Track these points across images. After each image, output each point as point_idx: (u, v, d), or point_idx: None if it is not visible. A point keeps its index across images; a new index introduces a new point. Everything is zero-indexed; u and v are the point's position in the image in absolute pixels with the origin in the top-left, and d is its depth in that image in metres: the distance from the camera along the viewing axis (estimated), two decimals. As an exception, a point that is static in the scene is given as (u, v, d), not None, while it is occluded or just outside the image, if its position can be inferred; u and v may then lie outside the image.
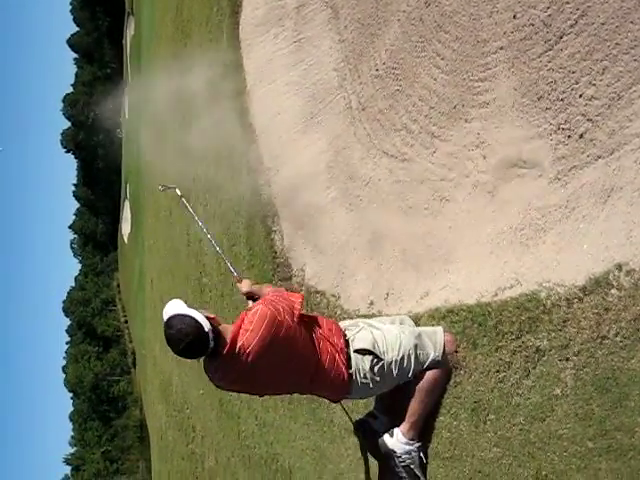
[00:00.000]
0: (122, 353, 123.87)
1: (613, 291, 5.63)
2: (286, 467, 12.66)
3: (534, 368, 6.27)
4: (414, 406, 7.36)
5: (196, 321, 6.33)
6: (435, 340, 7.23)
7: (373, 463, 9.02)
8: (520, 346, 6.46)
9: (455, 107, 8.44)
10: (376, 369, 6.99)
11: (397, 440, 7.44)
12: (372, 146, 10.29)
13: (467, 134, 8.20)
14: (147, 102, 43.55)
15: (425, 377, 7.22)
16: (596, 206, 6.19)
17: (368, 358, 6.98)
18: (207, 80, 18.53)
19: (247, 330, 6.59)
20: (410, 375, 7.16)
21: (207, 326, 6.36)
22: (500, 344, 6.72)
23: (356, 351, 7.04)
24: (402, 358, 7.00)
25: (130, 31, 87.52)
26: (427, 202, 8.87)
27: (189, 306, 6.65)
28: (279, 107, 13.54)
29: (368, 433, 7.93)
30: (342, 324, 7.54)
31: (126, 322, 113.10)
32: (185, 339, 6.35)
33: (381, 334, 7.06)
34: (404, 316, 8.05)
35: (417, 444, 7.44)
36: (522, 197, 7.21)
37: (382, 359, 6.99)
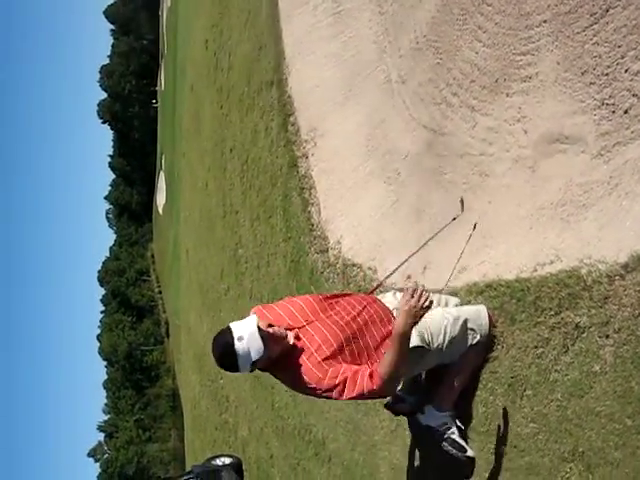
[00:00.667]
0: (156, 323, 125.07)
1: (656, 268, 5.58)
2: (319, 438, 12.77)
3: (573, 345, 6.24)
4: (449, 382, 7.35)
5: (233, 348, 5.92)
6: (480, 322, 7.16)
7: (409, 436, 9.08)
8: (559, 322, 6.43)
9: (497, 81, 8.35)
10: (421, 357, 6.92)
11: (430, 415, 7.46)
12: (411, 119, 10.23)
13: (508, 108, 8.12)
14: (183, 73, 43.62)
15: (464, 356, 7.20)
16: (639, 183, 6.12)
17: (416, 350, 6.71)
18: (245, 52, 18.53)
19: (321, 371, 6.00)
20: (454, 359, 7.14)
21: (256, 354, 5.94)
22: (539, 320, 6.69)
23: None
24: (448, 344, 6.95)
25: (167, 3, 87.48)
26: (466, 176, 8.82)
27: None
28: (318, 79, 13.50)
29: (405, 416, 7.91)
30: (385, 300, 7.32)
31: (160, 292, 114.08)
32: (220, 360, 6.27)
33: (425, 323, 6.58)
34: (448, 296, 7.93)
35: (450, 413, 7.44)
36: (564, 173, 7.14)
37: (429, 349, 6.88)
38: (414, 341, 6.57)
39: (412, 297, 5.88)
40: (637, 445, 5.48)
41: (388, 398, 7.83)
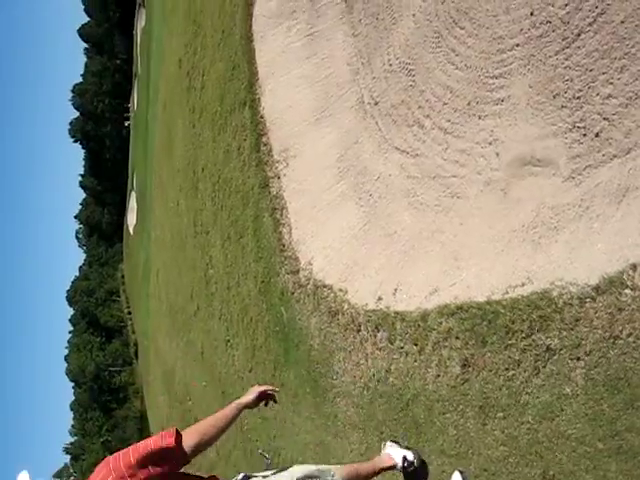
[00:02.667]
0: (125, 344, 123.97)
1: (627, 291, 5.57)
2: (288, 461, 12.63)
3: (544, 367, 6.22)
4: None
5: None
6: None
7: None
8: (530, 344, 6.41)
9: (469, 104, 8.38)
10: None
11: None
12: (383, 141, 10.24)
13: (480, 131, 8.14)
14: (156, 92, 43.56)
15: None
16: (611, 206, 6.13)
17: None
18: (218, 71, 18.51)
19: None
20: None
21: None
22: (510, 342, 6.67)
23: None
24: None
25: (141, 22, 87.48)
26: (438, 199, 8.82)
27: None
28: (291, 100, 13.48)
29: None
30: None
31: (129, 313, 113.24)
32: None
33: None
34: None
35: None
36: (535, 195, 7.15)
37: None
38: None
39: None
40: (608, 469, 5.46)
41: None
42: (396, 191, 9.78)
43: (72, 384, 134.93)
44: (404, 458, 7.83)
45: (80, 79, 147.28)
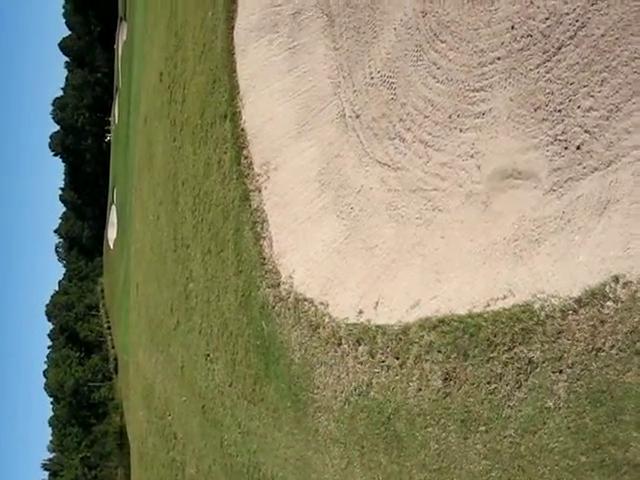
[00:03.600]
0: (104, 359, 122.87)
1: (609, 303, 5.56)
2: (269, 476, 12.53)
3: (526, 380, 6.19)
4: None
5: None
6: None
7: (359, 474, 8.96)
8: (512, 357, 6.39)
9: (450, 117, 8.39)
10: None
11: None
12: (364, 154, 10.23)
13: (461, 144, 8.15)
14: (137, 106, 43.44)
15: None
16: (592, 218, 6.13)
17: None
18: (199, 84, 18.46)
19: None
20: None
21: None
22: (492, 355, 6.64)
23: None
24: None
25: (122, 36, 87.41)
26: (419, 212, 8.81)
27: None
28: (272, 113, 13.45)
29: None
30: None
31: (109, 328, 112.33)
32: None
33: None
34: None
35: None
36: (516, 208, 7.16)
37: None
38: None
39: None
40: (591, 482, 5.43)
41: None
42: (377, 204, 9.76)
43: (51, 399, 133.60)
44: None
45: (61, 92, 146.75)
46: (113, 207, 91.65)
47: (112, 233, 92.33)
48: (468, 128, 8.05)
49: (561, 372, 5.84)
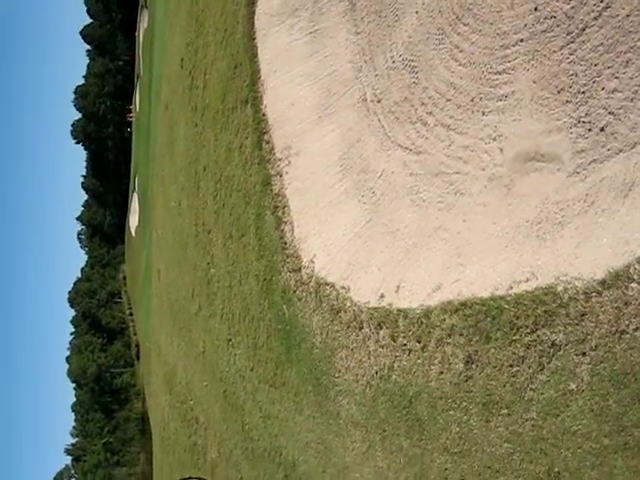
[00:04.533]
0: (126, 345, 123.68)
1: (633, 285, 5.51)
2: (290, 460, 12.59)
3: (549, 363, 6.16)
4: None
5: None
6: None
7: (380, 458, 8.97)
8: (535, 340, 6.36)
9: (472, 100, 8.34)
10: None
11: None
12: (386, 138, 10.19)
13: (484, 127, 8.10)
14: (158, 93, 43.54)
15: None
16: (616, 200, 6.08)
17: None
18: (220, 70, 18.45)
19: None
20: None
21: None
22: (514, 338, 6.62)
23: None
24: None
25: (143, 24, 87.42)
26: (441, 195, 8.78)
27: None
28: (293, 97, 13.43)
29: None
30: None
31: (131, 314, 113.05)
32: None
33: None
34: None
35: None
36: (539, 191, 7.11)
37: None
38: None
39: None
40: (614, 465, 5.40)
41: None
42: (399, 188, 9.73)
43: (73, 385, 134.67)
44: None
45: (82, 81, 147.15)
46: (135, 194, 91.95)
47: (134, 220, 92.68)
48: (491, 111, 7.99)
49: (584, 354, 5.81)
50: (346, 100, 11.55)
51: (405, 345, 8.64)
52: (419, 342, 8.29)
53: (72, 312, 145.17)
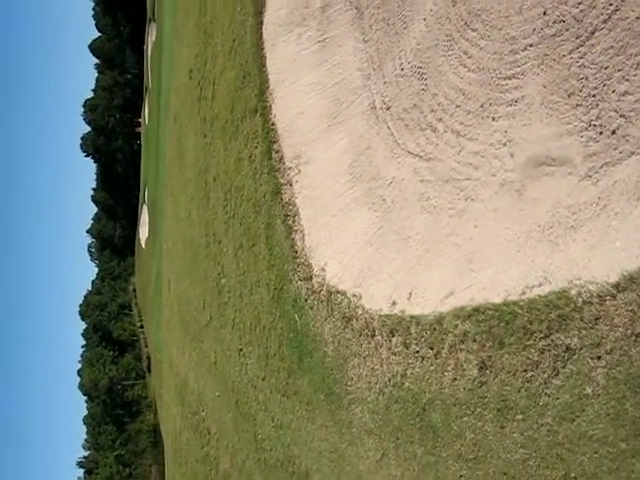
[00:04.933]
0: (137, 358, 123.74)
1: (649, 287, 5.48)
2: (303, 469, 12.54)
3: (564, 367, 6.13)
4: None
5: None
6: None
7: (394, 466, 8.92)
8: (549, 345, 6.32)
9: (482, 105, 8.33)
10: None
11: None
12: (396, 146, 10.19)
13: (494, 132, 8.09)
14: (167, 105, 43.69)
15: None
16: (629, 203, 6.05)
17: None
18: (229, 80, 18.50)
19: None
20: None
21: None
22: (528, 343, 6.58)
23: None
24: None
25: (151, 37, 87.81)
26: (452, 202, 8.76)
27: None
28: (302, 106, 13.45)
29: None
30: None
31: (142, 327, 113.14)
32: None
33: None
34: None
35: None
36: (551, 195, 7.08)
37: None
38: None
39: None
40: (632, 469, 5.36)
41: None
42: (409, 195, 9.72)
43: (85, 398, 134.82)
44: None
45: (91, 94, 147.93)
46: (144, 207, 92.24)
47: (144, 232, 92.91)
48: (500, 116, 7.98)
49: (599, 358, 5.77)
50: (355, 108, 11.56)
51: (418, 352, 8.61)
52: (432, 349, 8.26)
53: (83, 325, 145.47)
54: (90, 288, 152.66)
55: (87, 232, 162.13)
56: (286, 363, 13.37)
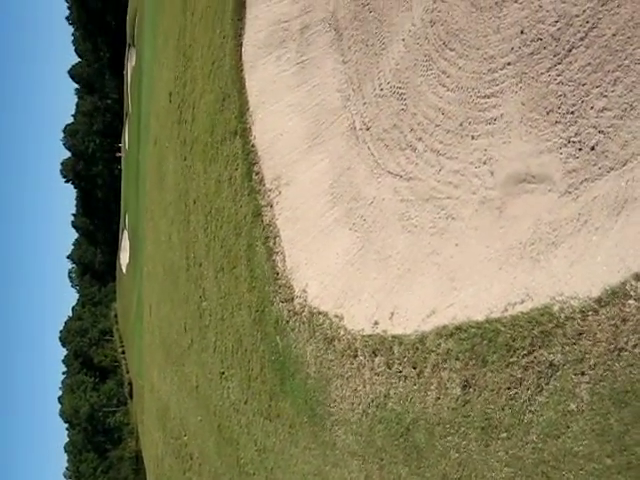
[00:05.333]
0: (119, 384, 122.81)
1: (631, 302, 5.46)
2: (287, 493, 12.42)
3: (547, 384, 6.09)
4: None
5: None
6: None
7: (378, 486, 8.84)
8: (532, 361, 6.29)
9: (461, 124, 8.35)
10: None
11: None
12: (376, 166, 10.19)
13: (474, 151, 8.10)
14: (147, 129, 43.66)
15: None
16: (610, 218, 6.06)
17: None
18: (209, 102, 18.49)
19: None
20: None
21: None
22: (511, 360, 6.55)
23: None
24: None
25: (131, 62, 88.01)
26: (433, 221, 8.75)
27: None
28: (282, 128, 13.44)
29: None
30: None
31: (123, 352, 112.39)
32: None
33: None
34: None
35: None
36: (532, 212, 7.09)
37: None
38: None
39: None
40: (617, 485, 5.32)
41: None
42: (390, 215, 9.70)
43: (66, 425, 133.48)
44: None
45: (71, 119, 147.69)
46: (125, 232, 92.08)
47: (124, 258, 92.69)
48: (480, 135, 8.00)
49: (583, 374, 5.74)
50: (335, 129, 11.57)
51: (401, 372, 8.55)
52: (415, 368, 8.21)
53: (64, 351, 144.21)
54: (71, 314, 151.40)
55: (67, 257, 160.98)
56: (268, 386, 13.26)
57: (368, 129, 10.50)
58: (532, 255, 6.87)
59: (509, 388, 6.50)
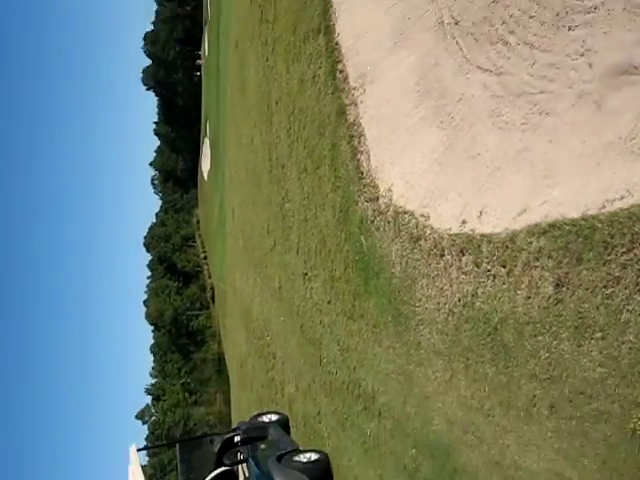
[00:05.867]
0: (201, 288, 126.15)
1: None
2: (369, 392, 12.54)
3: (647, 282, 5.86)
4: None
5: None
6: None
7: (464, 387, 8.81)
8: (632, 259, 6.03)
9: (558, 14, 7.89)
10: None
11: None
12: (465, 61, 9.81)
13: (571, 42, 7.67)
14: (227, 32, 43.30)
15: None
16: None
17: None
18: (291, 0, 18.13)
19: None
20: None
21: None
22: (609, 258, 6.30)
23: None
24: None
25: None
26: (525, 117, 8.40)
27: None
28: (366, 25, 13.06)
29: None
30: None
31: (205, 258, 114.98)
32: None
33: None
34: None
35: None
36: (633, 105, 6.70)
37: None
38: None
39: None
40: None
41: None
42: (479, 112, 9.38)
43: (151, 327, 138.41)
44: None
45: (151, 27, 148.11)
46: (206, 139, 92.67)
47: (206, 164, 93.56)
48: (578, 25, 7.55)
49: (687, 271, 5.49)
50: (422, 24, 11.15)
51: (489, 271, 8.38)
52: (504, 267, 8.03)
53: (148, 256, 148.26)
54: (154, 220, 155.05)
55: (150, 165, 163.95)
56: (352, 286, 13.28)
57: (457, 23, 10.08)
58: (633, 150, 6.52)
59: (605, 287, 6.27)
